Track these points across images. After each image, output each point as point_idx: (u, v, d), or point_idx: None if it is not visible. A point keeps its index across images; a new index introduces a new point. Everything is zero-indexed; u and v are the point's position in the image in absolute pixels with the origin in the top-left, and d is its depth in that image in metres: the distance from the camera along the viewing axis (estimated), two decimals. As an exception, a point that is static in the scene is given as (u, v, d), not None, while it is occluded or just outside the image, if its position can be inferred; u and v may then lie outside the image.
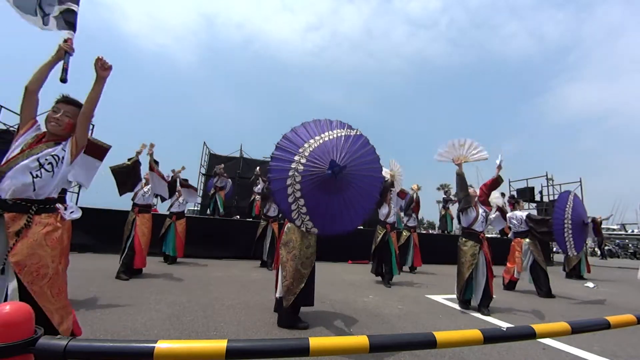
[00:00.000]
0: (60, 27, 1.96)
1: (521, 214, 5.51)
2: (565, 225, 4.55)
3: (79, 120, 1.76)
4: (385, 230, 5.40)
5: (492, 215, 4.84)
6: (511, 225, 5.59)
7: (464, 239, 4.00)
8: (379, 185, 2.63)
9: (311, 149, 2.43)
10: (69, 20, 1.97)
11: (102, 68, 1.72)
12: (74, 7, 2.00)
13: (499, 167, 4.08)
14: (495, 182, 4.12)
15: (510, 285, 5.54)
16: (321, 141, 2.48)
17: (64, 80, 1.81)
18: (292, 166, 2.39)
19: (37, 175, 1.60)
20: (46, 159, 1.63)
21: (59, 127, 1.73)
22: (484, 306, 3.75)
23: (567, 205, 4.64)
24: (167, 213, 6.46)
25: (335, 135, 2.52)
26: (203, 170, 12.45)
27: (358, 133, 2.61)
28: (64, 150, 1.71)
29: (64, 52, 1.81)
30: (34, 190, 1.59)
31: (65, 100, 1.79)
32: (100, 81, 1.74)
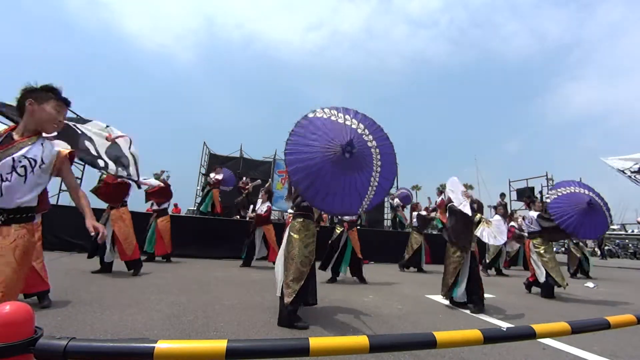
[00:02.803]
0: None
1: (533, 214, 5.39)
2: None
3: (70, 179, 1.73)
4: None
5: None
6: (524, 226, 5.60)
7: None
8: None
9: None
10: None
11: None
12: None
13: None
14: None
15: (529, 284, 5.37)
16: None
17: None
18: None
19: (6, 179, 1.47)
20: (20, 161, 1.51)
21: (56, 130, 1.67)
22: (471, 302, 3.84)
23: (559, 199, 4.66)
24: (151, 211, 6.53)
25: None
26: (203, 170, 12.44)
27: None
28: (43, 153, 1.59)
29: None
30: (1, 195, 1.47)
31: (68, 104, 1.71)
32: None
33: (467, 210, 3.87)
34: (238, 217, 9.28)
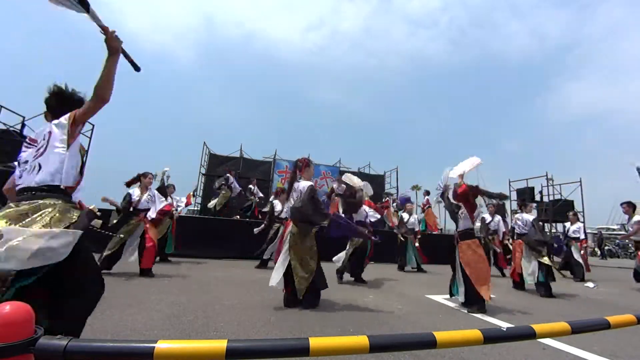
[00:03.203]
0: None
1: (528, 216, 5.53)
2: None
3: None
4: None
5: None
6: (515, 227, 5.71)
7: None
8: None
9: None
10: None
11: (112, 39, 1.58)
12: None
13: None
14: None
15: (517, 285, 5.63)
16: None
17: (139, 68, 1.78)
18: None
19: None
20: None
21: None
22: (466, 304, 3.82)
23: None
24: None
25: None
26: (203, 170, 12.45)
27: None
28: None
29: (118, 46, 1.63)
30: None
31: None
32: (110, 56, 1.61)
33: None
34: (238, 217, 9.29)
